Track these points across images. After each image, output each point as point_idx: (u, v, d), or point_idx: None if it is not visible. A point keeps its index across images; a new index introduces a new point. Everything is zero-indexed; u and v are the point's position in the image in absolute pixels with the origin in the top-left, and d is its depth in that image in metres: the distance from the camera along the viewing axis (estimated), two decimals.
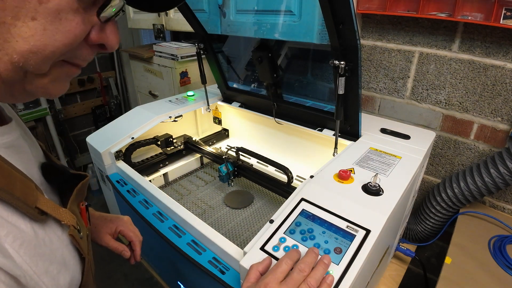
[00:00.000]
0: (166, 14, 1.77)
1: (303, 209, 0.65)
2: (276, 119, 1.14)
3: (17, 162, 0.38)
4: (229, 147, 1.16)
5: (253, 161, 1.20)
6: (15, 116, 0.47)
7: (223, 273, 0.66)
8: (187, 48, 1.80)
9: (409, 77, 1.18)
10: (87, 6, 0.32)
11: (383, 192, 0.69)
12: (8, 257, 0.32)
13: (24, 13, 0.29)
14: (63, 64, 0.36)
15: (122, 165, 1.03)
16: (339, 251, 0.56)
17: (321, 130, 1.03)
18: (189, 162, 1.28)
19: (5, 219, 0.34)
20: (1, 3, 0.28)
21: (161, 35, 2.02)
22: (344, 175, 0.73)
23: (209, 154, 1.19)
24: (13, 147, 0.40)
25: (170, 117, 1.20)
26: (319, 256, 0.53)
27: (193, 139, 1.26)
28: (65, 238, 0.44)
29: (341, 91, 0.82)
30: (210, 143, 1.40)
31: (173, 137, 1.19)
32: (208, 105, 1.32)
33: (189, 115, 1.38)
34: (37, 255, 0.37)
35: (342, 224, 0.61)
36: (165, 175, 1.21)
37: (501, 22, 0.88)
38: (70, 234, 0.43)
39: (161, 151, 1.22)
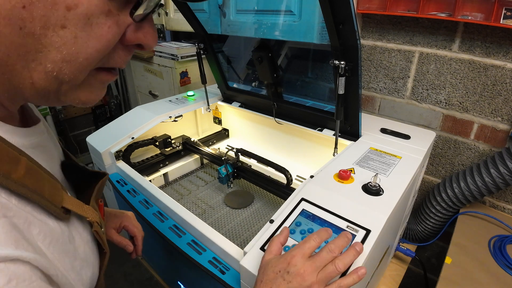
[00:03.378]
0: (166, 14, 1.77)
1: (303, 209, 0.65)
2: (276, 119, 1.14)
3: (43, 162, 0.38)
4: (229, 148, 1.16)
5: (252, 161, 1.20)
6: (41, 116, 0.47)
7: (223, 273, 0.66)
8: (187, 48, 1.80)
9: (409, 77, 1.18)
10: (120, 7, 0.31)
11: (383, 192, 0.69)
12: (42, 255, 0.33)
13: (53, 22, 0.28)
14: (98, 72, 0.35)
15: (122, 165, 1.03)
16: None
17: (321, 130, 1.02)
18: (189, 162, 1.28)
19: (36, 218, 0.34)
20: (28, 14, 0.27)
21: (161, 35, 2.02)
22: (344, 175, 0.73)
23: (208, 155, 1.19)
24: (40, 146, 0.40)
25: (170, 117, 1.20)
26: (351, 242, 0.52)
27: (192, 139, 1.26)
28: (86, 235, 0.44)
29: (341, 91, 0.82)
30: (210, 143, 1.40)
31: (172, 137, 1.19)
32: (208, 105, 1.32)
33: (189, 115, 1.38)
34: (64, 252, 0.37)
35: (342, 224, 0.61)
36: (165, 175, 1.21)
37: (501, 22, 0.88)
38: (94, 231, 0.44)
39: (160, 151, 1.22)
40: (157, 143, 1.15)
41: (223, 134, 1.47)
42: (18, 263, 0.29)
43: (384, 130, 1.00)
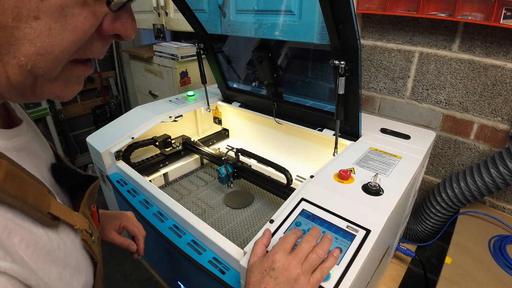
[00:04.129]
0: (166, 14, 1.77)
1: (303, 209, 0.65)
2: (276, 119, 1.14)
3: (28, 165, 0.37)
4: (229, 148, 1.16)
5: (252, 161, 1.20)
6: (26, 117, 0.45)
7: (223, 273, 0.66)
8: (187, 48, 1.80)
9: (409, 77, 1.18)
10: None
11: (383, 192, 0.69)
12: (23, 265, 0.31)
13: (26, 13, 0.27)
14: (73, 65, 0.34)
15: (122, 165, 1.03)
16: (340, 251, 0.56)
17: (321, 130, 1.02)
18: (189, 162, 1.28)
19: (18, 225, 0.32)
20: (10, 12, 0.26)
21: (161, 35, 2.02)
22: (344, 175, 0.73)
23: (208, 155, 1.19)
24: (24, 149, 0.38)
25: (170, 117, 1.20)
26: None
27: (192, 139, 1.26)
28: (78, 242, 0.43)
29: (341, 91, 0.82)
30: (210, 143, 1.40)
31: (172, 137, 1.19)
32: (208, 105, 1.32)
33: (189, 115, 1.38)
34: (51, 261, 0.36)
35: (342, 224, 0.61)
36: (165, 175, 1.21)
37: (501, 22, 0.88)
38: (82, 239, 0.43)
39: (160, 151, 1.22)
40: (157, 143, 1.15)
41: (223, 134, 1.47)
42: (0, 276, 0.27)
43: (384, 130, 1.00)
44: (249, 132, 1.39)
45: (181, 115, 1.23)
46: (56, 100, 0.36)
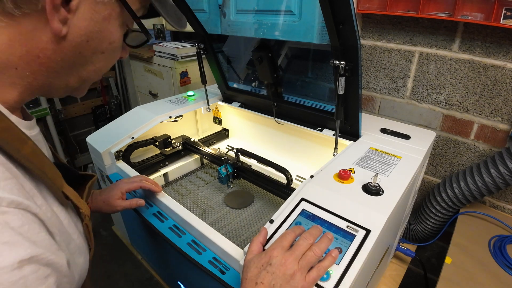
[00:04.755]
0: None
1: (303, 209, 0.65)
2: (276, 119, 1.14)
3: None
4: (229, 148, 1.16)
5: (252, 161, 1.20)
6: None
7: (223, 273, 0.66)
8: (187, 48, 1.80)
9: (409, 77, 1.18)
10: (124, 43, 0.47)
11: (383, 192, 0.69)
12: (43, 214, 0.37)
13: (99, 50, 0.42)
14: None
15: (122, 165, 1.03)
16: (339, 251, 0.56)
17: (321, 130, 1.02)
18: (189, 162, 1.28)
19: (39, 192, 0.38)
20: (87, 45, 0.40)
21: (161, 35, 2.02)
22: (344, 175, 0.73)
23: (208, 155, 1.19)
24: (37, 141, 0.44)
25: (170, 117, 1.20)
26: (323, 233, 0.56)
27: (192, 139, 1.26)
28: (80, 226, 0.48)
29: (341, 91, 0.82)
30: (210, 143, 1.40)
31: (172, 137, 1.19)
32: (208, 105, 1.32)
33: (189, 115, 1.38)
34: (62, 230, 0.41)
35: (342, 224, 0.61)
36: (165, 175, 1.21)
37: (501, 22, 0.88)
38: (85, 224, 0.48)
39: (160, 151, 1.22)
40: (157, 143, 1.15)
41: (223, 134, 1.47)
42: (28, 213, 0.34)
43: (384, 130, 1.00)
44: (249, 132, 1.39)
45: (181, 115, 1.23)
46: (74, 96, 0.48)
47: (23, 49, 0.36)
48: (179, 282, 0.91)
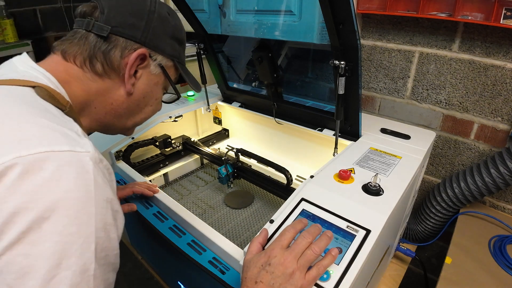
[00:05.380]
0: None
1: (303, 209, 0.65)
2: (276, 119, 1.14)
3: None
4: (229, 148, 1.16)
5: (252, 161, 1.20)
6: None
7: (223, 273, 0.66)
8: (187, 48, 1.79)
9: (409, 77, 1.18)
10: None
11: (383, 192, 0.69)
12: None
13: (149, 103, 0.62)
14: None
15: (122, 165, 1.03)
16: (340, 251, 0.56)
17: (321, 130, 1.02)
18: (189, 162, 1.28)
19: None
20: (143, 100, 0.60)
21: None
22: (344, 175, 0.73)
23: (208, 155, 1.19)
24: None
25: (170, 117, 1.19)
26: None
27: (192, 139, 1.26)
28: None
29: (341, 91, 0.81)
30: (210, 143, 1.40)
31: (172, 137, 1.19)
32: (208, 105, 1.32)
33: (189, 115, 1.38)
34: None
35: (342, 224, 0.61)
36: (165, 175, 1.21)
37: (501, 22, 0.88)
38: None
39: (160, 151, 1.22)
40: (157, 143, 1.15)
41: (223, 134, 1.46)
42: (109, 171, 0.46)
43: (384, 130, 1.00)
44: (249, 132, 1.39)
45: (181, 115, 1.23)
46: (125, 135, 0.68)
47: (103, 98, 0.55)
48: (179, 282, 0.91)
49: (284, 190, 0.94)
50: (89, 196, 0.39)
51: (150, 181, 1.11)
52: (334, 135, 0.94)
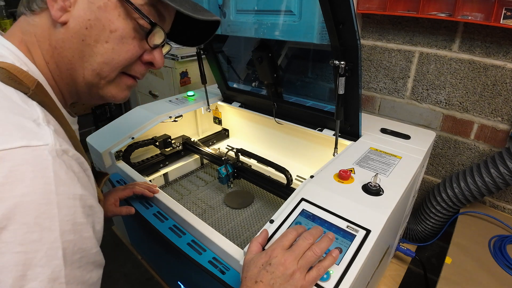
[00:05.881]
0: None
1: (303, 209, 0.65)
2: (276, 119, 1.14)
3: None
4: (229, 148, 1.16)
5: (252, 161, 1.20)
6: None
7: (223, 273, 0.66)
8: (187, 48, 1.80)
9: (409, 77, 1.18)
10: (142, 37, 0.49)
11: (383, 192, 0.69)
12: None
13: (102, 38, 0.45)
14: (124, 76, 0.52)
15: (122, 165, 1.03)
16: (340, 251, 0.56)
17: (321, 130, 1.02)
18: (189, 162, 1.28)
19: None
20: (88, 32, 0.45)
21: None
22: (344, 175, 0.73)
23: (208, 155, 1.19)
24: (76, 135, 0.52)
25: (170, 117, 1.19)
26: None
27: (192, 139, 1.26)
28: None
29: (341, 91, 0.81)
30: (210, 143, 1.40)
31: (172, 137, 1.19)
32: (208, 105, 1.32)
33: (189, 115, 1.38)
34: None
35: (342, 224, 0.61)
36: (165, 175, 1.21)
37: (501, 22, 0.88)
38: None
39: (160, 151, 1.22)
40: (157, 143, 1.15)
41: (223, 134, 1.47)
42: (82, 167, 0.42)
43: (384, 130, 1.00)
44: (249, 132, 1.39)
45: (181, 115, 1.23)
46: (113, 101, 0.53)
47: (47, 43, 0.46)
48: (179, 282, 0.91)
49: (284, 190, 0.94)
50: (49, 197, 0.35)
51: (150, 181, 1.11)
52: (334, 135, 0.94)
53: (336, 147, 0.92)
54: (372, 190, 0.69)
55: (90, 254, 0.40)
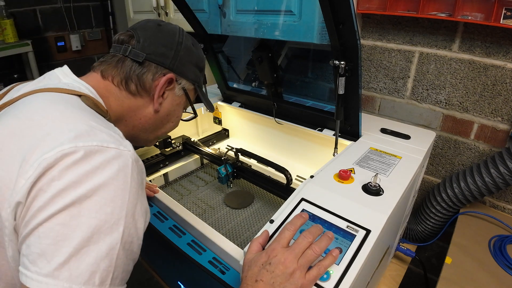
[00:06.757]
0: (167, 14, 1.77)
1: (303, 209, 0.65)
2: (276, 119, 1.14)
3: None
4: (229, 148, 1.16)
5: (252, 161, 1.20)
6: None
7: (223, 273, 0.66)
8: None
9: (409, 77, 1.18)
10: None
11: (383, 192, 0.69)
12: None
13: (171, 120, 0.72)
14: None
15: None
16: (340, 251, 0.56)
17: (321, 130, 1.02)
18: (189, 162, 1.28)
19: None
20: (166, 118, 0.70)
21: None
22: (344, 175, 0.73)
23: (208, 155, 1.19)
24: None
25: None
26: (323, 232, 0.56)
27: (192, 139, 1.26)
28: None
29: (341, 91, 0.82)
30: (210, 143, 1.40)
31: (172, 137, 1.19)
32: None
33: (189, 115, 1.38)
34: None
35: (342, 224, 0.61)
36: (165, 175, 1.21)
37: (501, 22, 0.88)
38: None
39: (159, 151, 1.22)
40: (157, 143, 1.15)
41: (223, 134, 1.46)
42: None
43: (384, 130, 1.00)
44: (249, 132, 1.39)
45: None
46: (146, 146, 0.77)
47: (134, 113, 0.64)
48: (179, 282, 0.91)
49: (284, 190, 0.94)
50: (126, 186, 0.45)
51: (150, 181, 1.11)
52: (334, 135, 0.94)
53: (336, 147, 0.92)
54: (372, 190, 0.69)
55: (136, 243, 0.48)
